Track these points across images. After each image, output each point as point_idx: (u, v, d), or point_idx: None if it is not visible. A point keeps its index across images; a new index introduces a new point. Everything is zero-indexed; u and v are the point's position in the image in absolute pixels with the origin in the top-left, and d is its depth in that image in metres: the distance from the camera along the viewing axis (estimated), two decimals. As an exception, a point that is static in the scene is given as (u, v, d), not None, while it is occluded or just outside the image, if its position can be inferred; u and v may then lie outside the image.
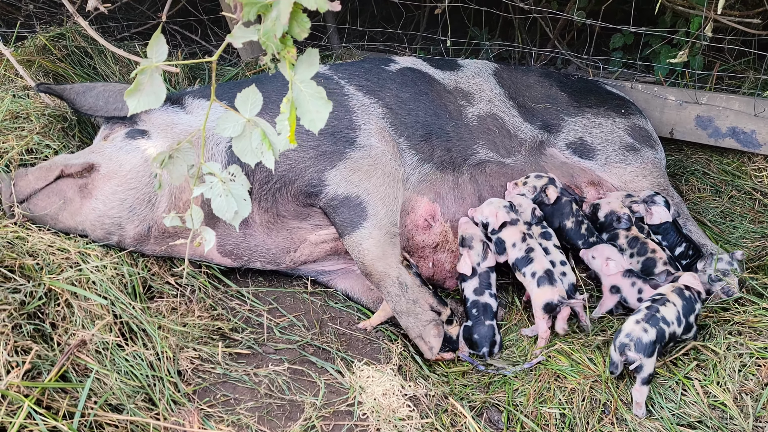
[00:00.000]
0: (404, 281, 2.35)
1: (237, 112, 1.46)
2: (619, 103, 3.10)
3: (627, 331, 2.06)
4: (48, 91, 2.41)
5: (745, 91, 3.39)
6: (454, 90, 2.85)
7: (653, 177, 2.89)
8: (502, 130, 2.83)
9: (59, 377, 1.69)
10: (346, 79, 2.67)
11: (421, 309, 2.32)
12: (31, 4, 4.05)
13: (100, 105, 2.36)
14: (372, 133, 2.53)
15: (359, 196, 2.40)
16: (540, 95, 3.00)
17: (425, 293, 2.36)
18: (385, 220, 2.41)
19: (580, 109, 2.99)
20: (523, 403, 2.12)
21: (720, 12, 1.96)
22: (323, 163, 2.40)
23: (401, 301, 2.32)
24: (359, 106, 2.58)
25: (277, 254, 2.50)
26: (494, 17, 4.19)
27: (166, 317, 2.14)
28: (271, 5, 1.34)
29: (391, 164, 2.51)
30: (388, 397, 2.11)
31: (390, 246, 2.40)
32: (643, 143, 2.95)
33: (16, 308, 1.74)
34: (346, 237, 2.41)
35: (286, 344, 2.30)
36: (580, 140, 2.91)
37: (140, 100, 1.48)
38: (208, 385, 2.02)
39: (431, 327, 2.29)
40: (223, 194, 1.61)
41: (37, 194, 2.15)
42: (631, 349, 2.02)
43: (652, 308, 2.11)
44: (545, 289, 2.34)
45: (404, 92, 2.71)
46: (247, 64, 3.76)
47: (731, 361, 2.06)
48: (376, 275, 2.37)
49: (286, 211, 2.45)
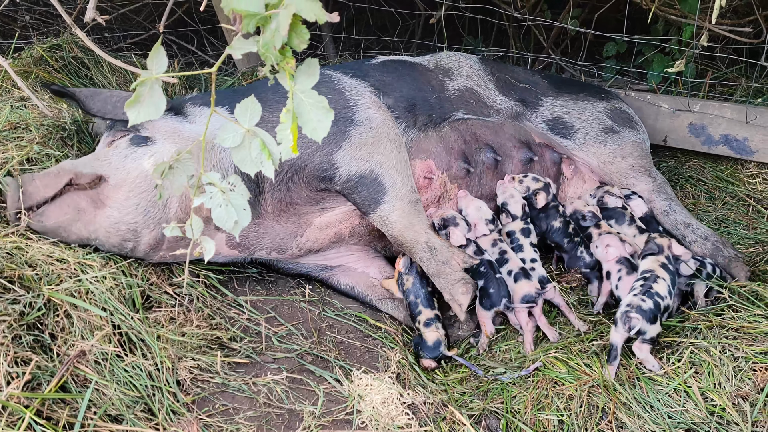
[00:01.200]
0: (433, 245, 2.42)
1: (236, 121, 1.47)
2: (599, 90, 3.18)
3: (627, 302, 2.22)
4: (60, 92, 2.44)
5: (737, 99, 3.43)
6: (435, 68, 2.95)
7: (633, 158, 2.93)
8: (479, 102, 2.93)
9: (59, 388, 1.69)
10: (331, 69, 2.78)
11: (451, 269, 2.36)
12: (27, 15, 4.06)
13: (109, 108, 2.40)
14: (368, 106, 2.60)
15: (372, 170, 2.46)
16: (522, 78, 3.09)
17: (455, 252, 2.41)
18: (403, 188, 2.49)
19: (560, 93, 3.07)
20: (522, 410, 2.13)
21: (714, 22, 1.98)
22: (329, 146, 2.46)
23: (432, 264, 2.39)
24: (350, 86, 2.66)
25: (285, 239, 2.55)
26: (489, 26, 4.23)
27: (165, 327, 2.14)
28: (270, 17, 1.35)
29: (393, 131, 2.59)
30: (386, 406, 2.12)
31: (415, 214, 2.48)
32: (623, 125, 3.00)
33: (16, 319, 1.74)
34: (371, 215, 2.48)
35: (285, 353, 2.31)
36: (558, 118, 2.98)
37: (140, 111, 1.49)
38: (207, 394, 2.02)
39: (459, 285, 2.32)
40: (223, 204, 1.62)
41: (48, 206, 2.14)
42: (632, 313, 2.16)
43: (645, 285, 2.26)
44: (522, 283, 2.46)
45: (387, 76, 2.81)
46: (243, 74, 3.78)
47: (727, 365, 2.07)
48: (407, 244, 2.45)
49: (300, 198, 2.50)
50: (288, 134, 1.40)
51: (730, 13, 3.37)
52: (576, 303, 2.63)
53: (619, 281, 2.48)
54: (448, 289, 2.34)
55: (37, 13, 4.11)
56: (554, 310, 2.58)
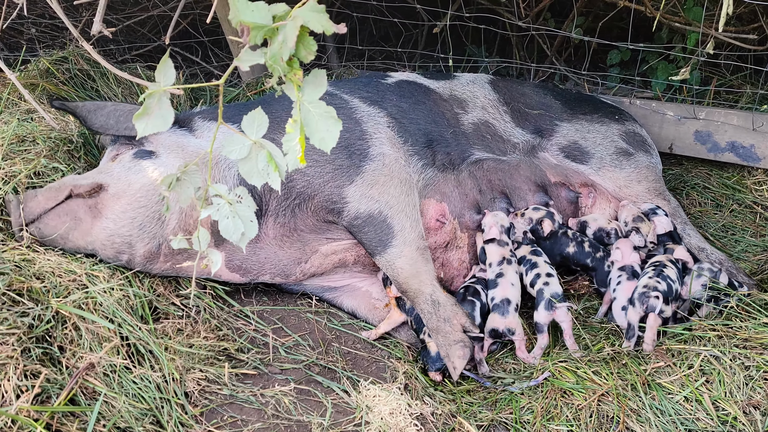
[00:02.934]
0: (437, 299, 2.36)
1: (244, 134, 1.48)
2: (613, 110, 3.14)
3: (643, 284, 2.33)
4: (62, 108, 2.44)
5: (742, 106, 3.42)
6: (450, 98, 2.91)
7: (648, 181, 2.92)
8: (495, 136, 2.89)
9: (68, 401, 1.69)
10: (348, 93, 2.72)
11: (451, 328, 2.31)
12: (33, 28, 4.09)
13: (111, 123, 2.38)
14: (383, 142, 2.56)
15: (382, 211, 2.42)
16: (534, 102, 3.05)
17: (458, 312, 2.35)
18: (412, 234, 2.44)
19: (574, 115, 3.03)
20: (531, 421, 2.12)
21: (721, 30, 1.98)
22: (341, 178, 2.42)
23: (433, 318, 2.33)
24: (366, 117, 2.62)
25: (288, 266, 2.51)
26: (492, 35, 4.24)
27: (173, 339, 2.14)
28: (277, 29, 1.36)
29: (405, 170, 2.55)
30: (395, 416, 2.10)
31: (422, 262, 2.43)
32: (637, 148, 2.98)
33: (25, 332, 1.74)
34: (378, 257, 2.43)
35: (292, 364, 2.30)
36: (574, 144, 2.94)
37: (148, 123, 1.49)
38: (215, 406, 2.02)
39: (457, 348, 2.27)
40: (230, 216, 1.62)
41: (47, 214, 2.17)
42: (651, 293, 2.28)
43: (657, 269, 2.38)
44: (494, 316, 2.42)
45: (404, 102, 2.76)
46: (248, 85, 3.79)
47: (738, 374, 2.06)
48: (411, 292, 2.40)
49: (305, 225, 2.47)
50: (294, 145, 1.40)
51: (735, 20, 3.38)
52: (582, 311, 2.63)
53: (618, 285, 2.48)
54: (445, 348, 2.29)
55: (43, 26, 4.13)
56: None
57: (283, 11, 1.34)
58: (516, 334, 2.39)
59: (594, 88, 3.79)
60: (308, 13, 1.32)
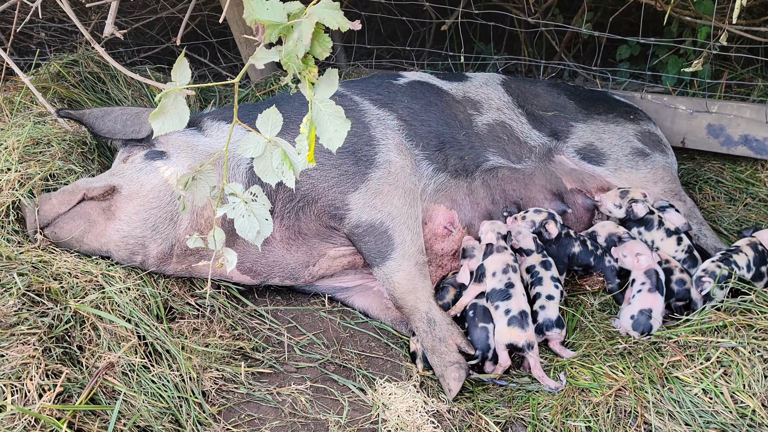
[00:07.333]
0: (433, 317, 2.31)
1: (258, 132, 1.48)
2: (628, 109, 3.11)
3: (703, 267, 2.38)
4: (68, 117, 2.45)
5: (754, 99, 3.40)
6: (463, 99, 2.87)
7: (664, 182, 2.89)
8: (511, 137, 2.84)
9: (89, 400, 1.70)
10: (359, 94, 2.70)
11: (447, 349, 2.25)
12: (42, 31, 4.11)
13: (118, 128, 2.39)
14: (391, 148, 2.53)
15: (383, 222, 2.40)
16: (548, 103, 3.01)
17: (454, 332, 2.28)
18: (412, 247, 2.41)
19: (589, 116, 2.99)
20: (549, 418, 2.11)
21: (735, 22, 1.97)
22: (346, 184, 2.41)
23: (428, 337, 2.29)
24: (376, 121, 2.59)
25: (296, 269, 2.50)
26: (500, 32, 4.22)
27: (189, 338, 2.15)
28: (292, 27, 1.36)
29: (410, 180, 2.52)
30: (411, 414, 2.10)
31: (420, 278, 2.39)
32: (653, 148, 2.95)
33: (45, 332, 1.75)
34: (375, 268, 2.41)
35: (307, 363, 2.30)
36: (589, 145, 2.91)
37: (164, 122, 1.50)
38: (232, 405, 2.03)
39: (453, 369, 2.20)
40: (245, 214, 1.63)
41: (62, 217, 2.19)
42: (705, 277, 2.33)
43: (726, 254, 2.42)
44: (514, 330, 2.27)
45: (415, 103, 2.73)
46: (257, 85, 3.80)
47: (757, 366, 2.04)
48: (407, 308, 2.37)
49: (308, 229, 2.45)
50: (305, 143, 1.40)
51: (745, 13, 3.36)
52: (597, 306, 2.61)
53: (638, 293, 2.41)
54: (440, 369, 2.23)
55: (52, 30, 4.15)
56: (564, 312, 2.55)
57: (298, 9, 1.35)
58: (533, 349, 2.27)
59: (604, 83, 3.77)
60: (323, 10, 1.32)
